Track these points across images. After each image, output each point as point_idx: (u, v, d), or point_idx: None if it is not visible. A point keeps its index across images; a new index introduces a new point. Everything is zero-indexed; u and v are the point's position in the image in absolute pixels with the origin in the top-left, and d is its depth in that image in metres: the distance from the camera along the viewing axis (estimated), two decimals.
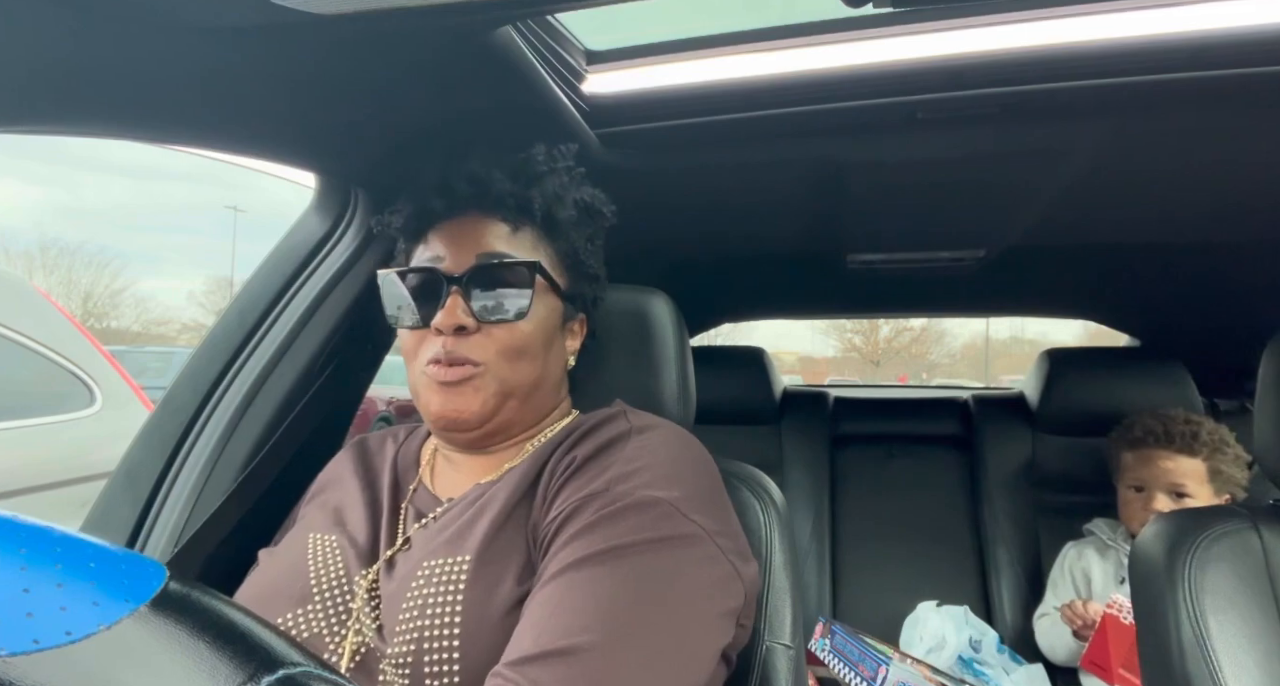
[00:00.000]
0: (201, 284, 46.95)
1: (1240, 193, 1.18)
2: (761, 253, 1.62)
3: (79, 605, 0.25)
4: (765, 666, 0.76)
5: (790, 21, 0.94)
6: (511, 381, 0.72)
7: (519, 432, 0.77)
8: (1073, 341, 31.28)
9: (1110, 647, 1.31)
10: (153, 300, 42.32)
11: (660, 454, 0.67)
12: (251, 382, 0.96)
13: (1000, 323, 26.16)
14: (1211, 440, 1.43)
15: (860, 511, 1.96)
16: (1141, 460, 1.48)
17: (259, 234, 48.24)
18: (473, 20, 0.63)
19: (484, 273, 0.71)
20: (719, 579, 0.61)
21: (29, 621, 0.23)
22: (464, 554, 0.65)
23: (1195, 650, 0.80)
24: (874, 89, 0.91)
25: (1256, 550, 0.84)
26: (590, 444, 0.69)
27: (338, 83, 0.71)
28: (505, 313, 0.71)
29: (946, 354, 37.03)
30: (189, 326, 34.41)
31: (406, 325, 0.73)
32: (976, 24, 0.87)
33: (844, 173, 1.14)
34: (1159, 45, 0.83)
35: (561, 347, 0.79)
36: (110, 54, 0.57)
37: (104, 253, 39.52)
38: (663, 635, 0.55)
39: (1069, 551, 1.62)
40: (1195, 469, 1.42)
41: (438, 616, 0.61)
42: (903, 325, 30.88)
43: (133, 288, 34.63)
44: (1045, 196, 1.22)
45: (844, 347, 34.48)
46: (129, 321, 32.32)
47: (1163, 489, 1.44)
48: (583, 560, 0.58)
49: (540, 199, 0.75)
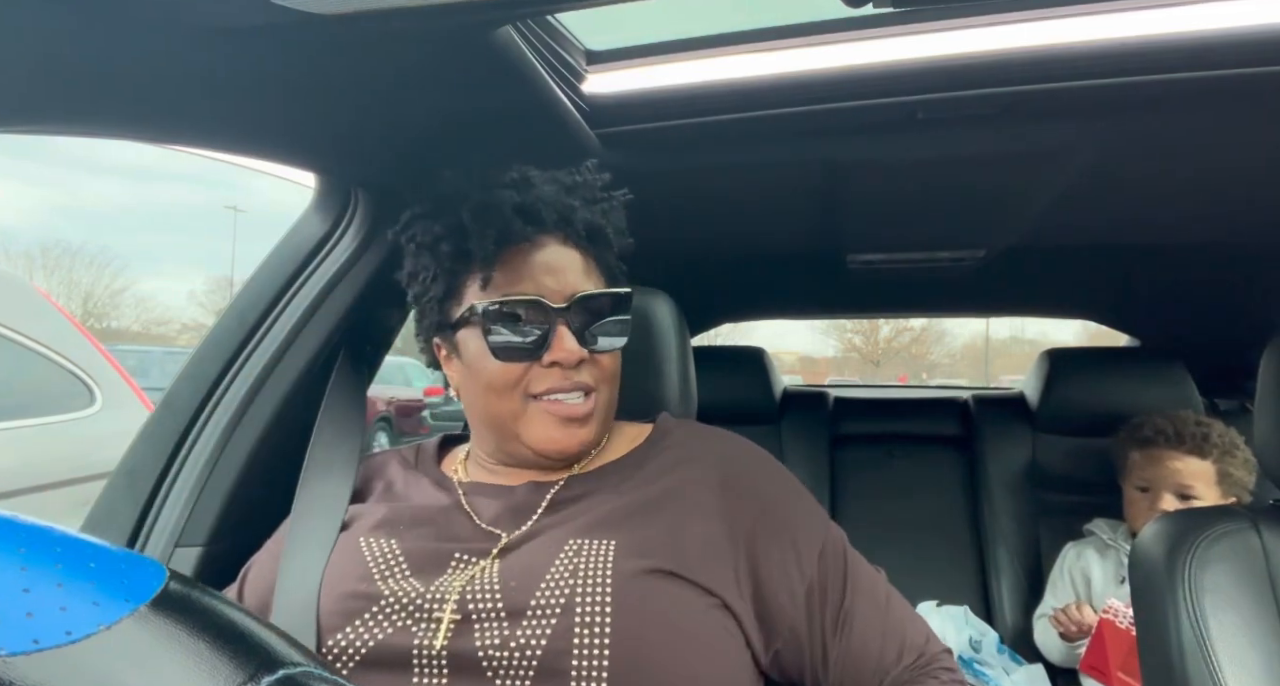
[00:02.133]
0: (202, 283, 46.93)
1: (1241, 193, 1.18)
2: (762, 253, 1.62)
3: (79, 605, 0.24)
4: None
5: (790, 21, 0.94)
6: (612, 406, 0.77)
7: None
8: (1073, 341, 31.29)
9: (1108, 652, 1.31)
10: (153, 300, 42.37)
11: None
12: (252, 383, 0.96)
13: (1000, 323, 26.22)
14: (1222, 442, 1.41)
15: (860, 511, 1.96)
16: (1150, 460, 1.47)
17: (258, 233, 47.81)
18: (473, 20, 0.63)
19: (587, 302, 0.73)
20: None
21: (29, 621, 0.23)
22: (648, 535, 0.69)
23: (1195, 650, 0.80)
24: (874, 89, 0.91)
25: (1257, 550, 0.84)
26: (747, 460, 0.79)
27: (338, 83, 0.71)
28: (614, 341, 0.75)
29: (946, 354, 37.13)
30: (189, 326, 34.30)
31: (515, 359, 0.72)
32: (977, 24, 0.87)
33: (844, 173, 1.14)
34: (1160, 45, 0.83)
35: None
36: (111, 54, 0.57)
37: (104, 253, 39.54)
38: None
39: (1068, 552, 1.62)
40: (1204, 471, 1.41)
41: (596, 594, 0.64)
42: (903, 325, 30.90)
43: (133, 288, 34.80)
44: (1045, 196, 1.22)
45: (844, 348, 34.49)
46: (129, 321, 32.33)
47: (1170, 489, 1.42)
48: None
49: (608, 226, 0.78)
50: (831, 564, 0.74)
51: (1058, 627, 1.48)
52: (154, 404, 1.02)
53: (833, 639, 0.71)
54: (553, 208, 0.74)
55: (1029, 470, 1.86)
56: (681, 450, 0.78)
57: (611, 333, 0.75)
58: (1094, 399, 1.76)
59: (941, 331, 33.58)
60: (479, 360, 0.73)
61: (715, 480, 0.74)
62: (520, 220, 0.73)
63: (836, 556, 0.75)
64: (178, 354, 8.80)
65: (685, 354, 0.95)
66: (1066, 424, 1.81)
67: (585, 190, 0.78)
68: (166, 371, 7.36)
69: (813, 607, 0.71)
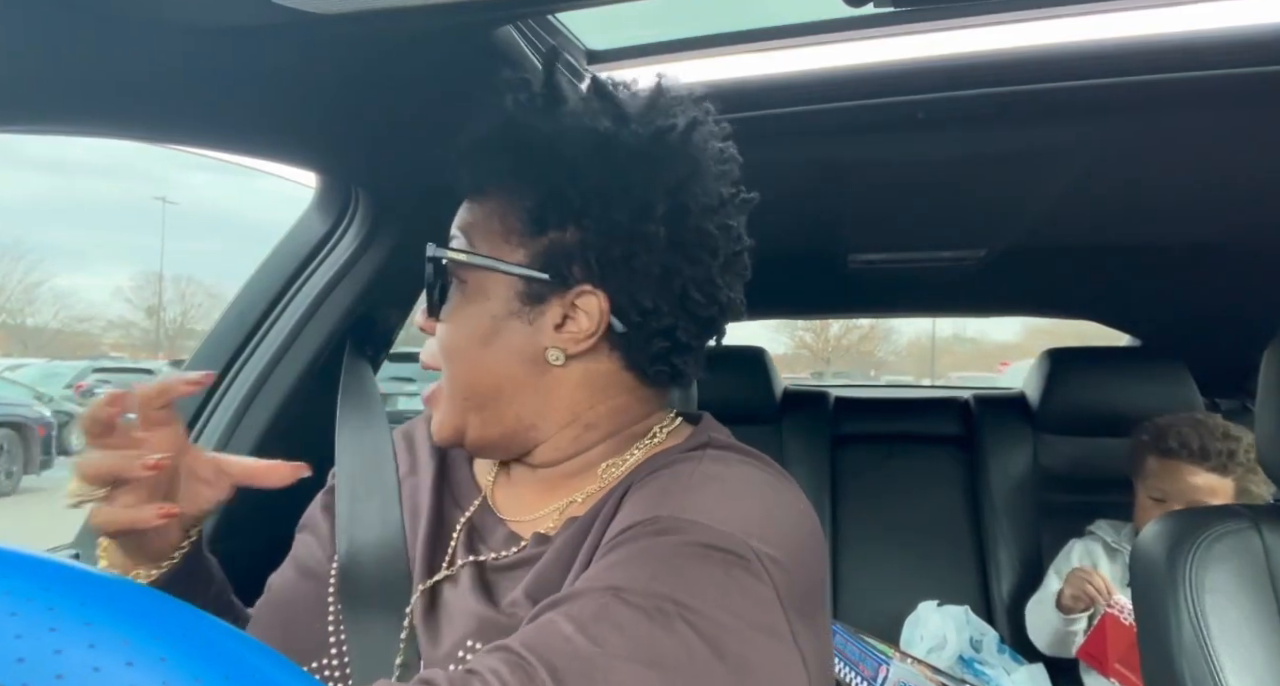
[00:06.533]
0: (129, 279, 44.69)
1: (1242, 192, 1.18)
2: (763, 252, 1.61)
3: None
4: None
5: (791, 21, 0.94)
6: (464, 393, 0.64)
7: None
8: (1013, 339, 31.34)
9: (1108, 644, 1.31)
10: (74, 296, 39.76)
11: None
12: (252, 382, 0.96)
13: (943, 322, 26.17)
14: (1248, 460, 1.35)
15: (861, 511, 1.96)
16: (1168, 471, 1.40)
17: (190, 227, 45.22)
18: (473, 20, 0.63)
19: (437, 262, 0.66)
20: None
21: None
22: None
23: (1196, 650, 0.80)
24: (875, 89, 0.91)
25: (1258, 549, 0.84)
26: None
27: (338, 82, 0.71)
28: (450, 310, 0.66)
29: (893, 352, 36.97)
30: (115, 323, 32.82)
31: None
32: (977, 24, 0.87)
33: (845, 173, 1.14)
34: (1161, 45, 0.83)
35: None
36: (111, 54, 0.57)
37: (17, 246, 36.83)
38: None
39: (1075, 545, 1.59)
40: (1224, 487, 1.36)
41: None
42: (851, 324, 30.69)
43: (51, 282, 32.73)
44: (1046, 196, 1.22)
45: (795, 345, 33.97)
46: (47, 318, 30.69)
47: (1186, 504, 1.35)
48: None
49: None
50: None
51: (1068, 587, 1.43)
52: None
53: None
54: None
55: (1030, 470, 1.86)
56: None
57: (453, 299, 0.60)
58: (1095, 399, 1.75)
59: (889, 328, 33.22)
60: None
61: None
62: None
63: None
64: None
65: None
66: (1068, 424, 1.81)
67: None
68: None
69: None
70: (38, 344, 26.94)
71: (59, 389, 11.81)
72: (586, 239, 0.56)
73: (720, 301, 0.60)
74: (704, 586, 0.45)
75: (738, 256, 0.63)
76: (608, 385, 0.60)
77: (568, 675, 0.40)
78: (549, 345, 0.58)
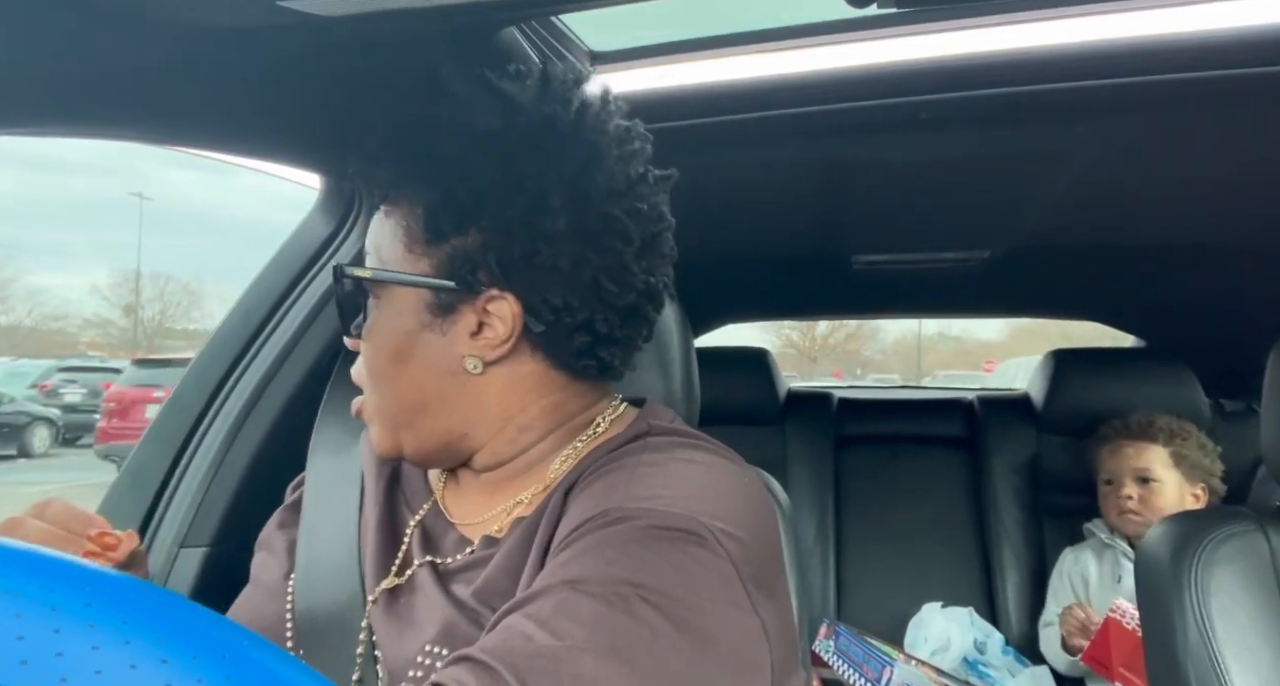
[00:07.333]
0: (106, 276, 43.26)
1: (1245, 193, 1.18)
2: (766, 253, 1.62)
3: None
4: None
5: (794, 22, 0.94)
6: (391, 413, 0.65)
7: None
8: (996, 337, 31.25)
9: (1112, 649, 1.31)
10: (48, 294, 38.03)
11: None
12: (257, 383, 0.96)
13: (927, 321, 26.21)
14: (1168, 427, 1.53)
15: (864, 512, 1.95)
16: (1110, 453, 1.58)
17: (168, 223, 43.50)
18: (476, 22, 0.63)
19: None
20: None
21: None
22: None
23: (1202, 652, 0.79)
24: (878, 89, 0.91)
25: (1263, 552, 0.84)
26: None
27: (341, 84, 0.71)
28: (368, 329, 0.66)
29: (879, 350, 36.84)
30: (92, 321, 31.88)
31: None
32: (980, 24, 0.87)
33: (848, 173, 1.13)
34: (1162, 46, 0.82)
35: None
36: (113, 55, 0.57)
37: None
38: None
39: (1066, 557, 1.63)
40: (1158, 455, 1.52)
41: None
42: (838, 323, 30.63)
43: (24, 278, 31.69)
44: (1050, 196, 1.21)
45: (783, 344, 33.72)
46: (20, 315, 29.81)
47: (1129, 475, 1.52)
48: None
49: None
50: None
51: (1063, 629, 1.48)
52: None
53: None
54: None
55: (1033, 471, 1.86)
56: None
57: (370, 317, 0.59)
58: (1099, 400, 1.75)
59: (875, 327, 32.95)
60: None
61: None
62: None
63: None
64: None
65: (689, 356, 0.95)
66: (1071, 425, 1.81)
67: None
68: None
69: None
70: (10, 342, 26.11)
71: (22, 389, 11.59)
72: (487, 241, 0.55)
73: (638, 288, 0.58)
74: (660, 566, 0.45)
75: (657, 238, 0.60)
76: (536, 385, 0.59)
77: (530, 673, 0.40)
78: (466, 354, 0.57)
